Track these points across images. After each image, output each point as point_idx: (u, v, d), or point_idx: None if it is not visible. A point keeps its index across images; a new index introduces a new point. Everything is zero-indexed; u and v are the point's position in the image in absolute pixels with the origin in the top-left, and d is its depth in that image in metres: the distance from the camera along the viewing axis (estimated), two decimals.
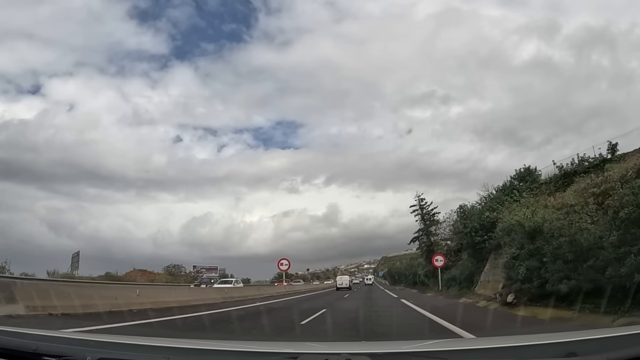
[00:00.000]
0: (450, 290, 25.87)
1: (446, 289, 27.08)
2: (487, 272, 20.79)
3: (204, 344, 2.37)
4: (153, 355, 1.99)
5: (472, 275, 22.22)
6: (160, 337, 3.37)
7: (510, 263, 14.07)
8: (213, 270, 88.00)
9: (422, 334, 8.87)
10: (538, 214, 13.76)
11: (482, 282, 20.95)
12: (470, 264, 23.48)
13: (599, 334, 2.14)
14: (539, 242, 12.77)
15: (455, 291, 24.85)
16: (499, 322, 10.98)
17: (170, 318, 10.92)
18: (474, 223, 20.99)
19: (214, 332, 9.11)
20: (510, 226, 14.69)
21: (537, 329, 7.77)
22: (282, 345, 3.27)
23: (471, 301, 19.25)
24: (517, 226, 13.88)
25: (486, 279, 20.57)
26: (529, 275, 12.92)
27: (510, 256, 13.74)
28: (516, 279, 13.66)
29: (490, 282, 19.73)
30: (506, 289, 15.65)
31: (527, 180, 21.25)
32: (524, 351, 2.00)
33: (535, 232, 13.26)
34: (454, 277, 26.05)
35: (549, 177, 20.59)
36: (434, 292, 29.92)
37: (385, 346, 2.60)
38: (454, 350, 2.26)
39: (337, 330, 9.12)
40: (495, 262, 20.25)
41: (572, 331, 2.66)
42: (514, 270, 13.71)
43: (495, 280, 18.95)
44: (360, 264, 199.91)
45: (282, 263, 31.49)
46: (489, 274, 20.32)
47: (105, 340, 2.36)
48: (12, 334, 2.16)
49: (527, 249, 13.21)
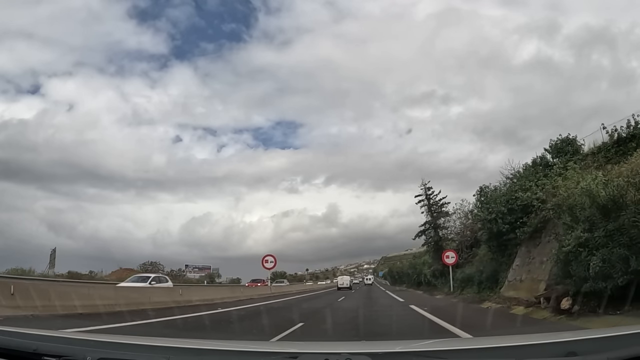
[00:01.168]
0: (466, 292, 21.45)
1: (460, 291, 22.65)
2: (517, 269, 16.37)
3: (203, 343, 2.36)
4: (153, 355, 1.98)
5: (496, 274, 17.81)
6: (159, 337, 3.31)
7: (570, 254, 9.67)
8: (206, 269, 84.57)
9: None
10: (612, 182, 9.38)
11: (511, 281, 16.53)
12: (492, 260, 19.05)
13: (599, 334, 2.16)
14: (625, 219, 8.39)
15: (472, 293, 20.45)
16: None
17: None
18: (501, 207, 16.58)
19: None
20: (569, 199, 10.26)
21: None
22: (282, 345, 3.43)
23: (500, 306, 14.85)
24: (583, 198, 9.47)
25: (516, 278, 16.16)
26: (606, 270, 8.55)
27: (575, 242, 9.31)
28: (581, 277, 9.29)
29: (524, 281, 15.32)
30: (555, 291, 11.33)
31: (567, 151, 16.82)
32: (523, 351, 1.95)
33: (614, 206, 8.88)
34: (470, 276, 21.62)
35: (595, 146, 16.17)
36: (444, 294, 25.49)
37: (385, 346, 2.52)
38: (453, 350, 2.23)
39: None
40: (528, 256, 15.84)
41: (572, 331, 3.13)
42: (578, 264, 9.33)
43: (533, 278, 14.55)
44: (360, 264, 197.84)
45: (266, 260, 27.00)
46: (521, 271, 15.91)
47: (105, 340, 2.34)
48: (12, 334, 2.12)
49: (602, 231, 8.83)
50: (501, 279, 17.41)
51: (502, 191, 17.82)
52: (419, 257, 49.13)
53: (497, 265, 18.26)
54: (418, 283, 40.24)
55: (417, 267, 41.87)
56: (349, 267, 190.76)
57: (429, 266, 34.24)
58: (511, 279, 16.64)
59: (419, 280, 39.57)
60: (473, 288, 20.81)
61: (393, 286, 62.31)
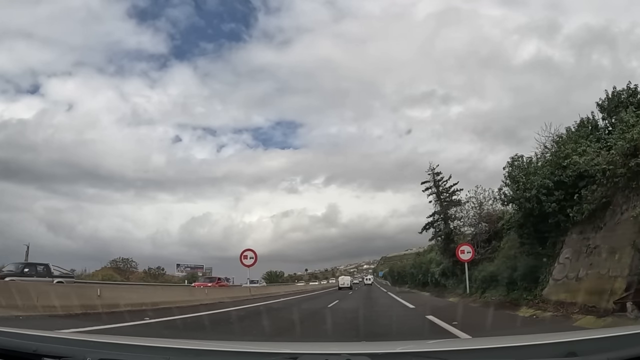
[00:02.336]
0: (488, 294, 17.08)
1: (480, 293, 18.25)
2: (569, 263, 11.98)
3: (203, 344, 2.33)
4: (153, 356, 1.96)
5: (535, 271, 13.39)
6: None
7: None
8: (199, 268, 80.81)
9: None
10: None
11: (559, 280, 12.14)
12: (526, 253, 14.65)
13: (599, 334, 2.15)
14: None
15: (496, 295, 16.10)
16: None
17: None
18: (544, 179, 12.23)
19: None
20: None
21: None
22: (281, 345, 3.05)
23: (551, 315, 10.55)
24: None
25: (568, 275, 11.75)
26: None
27: None
28: None
29: (582, 279, 10.90)
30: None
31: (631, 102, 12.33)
32: (523, 351, 1.96)
33: None
34: (494, 274, 17.23)
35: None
36: (457, 296, 21.11)
37: (385, 346, 2.55)
38: (453, 351, 2.23)
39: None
40: (585, 245, 11.44)
41: (572, 331, 2.99)
42: None
43: (599, 275, 10.13)
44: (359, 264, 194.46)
45: (245, 256, 22.52)
46: (576, 266, 11.51)
47: (105, 340, 2.34)
48: (12, 335, 2.09)
49: None
50: (542, 277, 13.01)
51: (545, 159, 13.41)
52: (423, 255, 44.75)
53: (534, 259, 13.86)
54: (423, 283, 35.86)
55: (422, 266, 37.43)
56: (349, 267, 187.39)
57: (437, 264, 29.83)
58: (559, 277, 12.24)
59: (424, 280, 35.18)
60: (498, 289, 16.42)
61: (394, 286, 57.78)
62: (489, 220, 23.68)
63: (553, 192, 12.13)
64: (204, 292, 16.80)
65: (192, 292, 16.23)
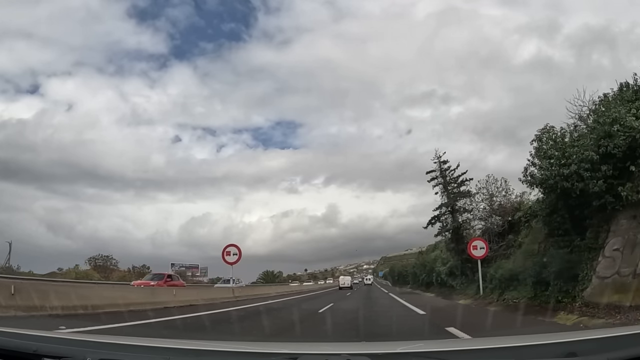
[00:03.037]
0: (508, 296, 14.59)
1: (497, 294, 15.73)
2: (620, 257, 9.49)
3: (203, 344, 2.32)
4: (153, 356, 1.94)
5: (572, 267, 10.89)
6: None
7: None
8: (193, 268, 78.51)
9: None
10: None
11: (607, 278, 9.63)
12: (558, 246, 12.13)
13: (599, 334, 2.14)
14: None
15: (519, 297, 13.64)
16: None
17: None
18: (588, 151, 9.77)
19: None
20: None
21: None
22: (281, 345, 2.86)
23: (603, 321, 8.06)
24: None
25: (620, 271, 9.26)
26: None
27: None
28: None
29: None
30: None
31: None
32: (523, 351, 1.93)
33: None
34: (514, 272, 14.75)
35: None
36: (470, 298, 18.61)
37: (384, 346, 2.53)
38: (453, 351, 2.21)
39: None
40: None
41: (572, 331, 2.82)
42: None
43: None
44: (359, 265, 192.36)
45: (228, 252, 20.16)
46: (632, 259, 9.03)
47: (105, 341, 2.32)
48: (12, 335, 2.07)
49: None
50: (584, 274, 10.51)
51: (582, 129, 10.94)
52: (426, 254, 42.23)
53: (569, 253, 11.38)
54: (427, 284, 33.33)
55: (426, 265, 34.90)
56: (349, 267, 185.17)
57: (443, 262, 27.31)
58: (607, 274, 9.74)
59: (428, 280, 32.65)
60: (520, 290, 13.94)
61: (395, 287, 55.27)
62: (503, 212, 21.24)
63: (599, 166, 9.66)
64: (172, 292, 14.27)
65: (154, 293, 13.72)
